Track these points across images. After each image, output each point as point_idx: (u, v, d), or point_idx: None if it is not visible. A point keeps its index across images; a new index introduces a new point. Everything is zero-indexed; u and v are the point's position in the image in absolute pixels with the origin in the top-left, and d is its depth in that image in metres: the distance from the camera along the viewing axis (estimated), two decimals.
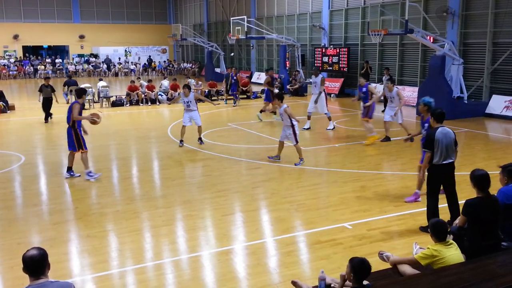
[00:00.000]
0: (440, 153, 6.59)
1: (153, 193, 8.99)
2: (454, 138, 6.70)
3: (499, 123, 16.02)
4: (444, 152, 6.59)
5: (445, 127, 6.74)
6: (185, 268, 5.95)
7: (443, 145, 6.57)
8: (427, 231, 6.75)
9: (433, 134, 6.63)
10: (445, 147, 6.58)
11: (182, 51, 46.90)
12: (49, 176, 10.20)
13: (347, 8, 24.55)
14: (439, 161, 6.61)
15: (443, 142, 6.57)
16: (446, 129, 6.69)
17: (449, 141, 6.61)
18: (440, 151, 6.58)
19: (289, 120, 10.42)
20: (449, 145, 6.61)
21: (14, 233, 7.02)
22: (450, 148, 6.63)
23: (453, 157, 6.72)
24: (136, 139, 13.98)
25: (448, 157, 6.64)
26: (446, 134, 6.62)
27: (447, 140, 6.60)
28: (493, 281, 4.08)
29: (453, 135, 6.71)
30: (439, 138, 6.56)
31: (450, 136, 6.64)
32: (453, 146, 6.69)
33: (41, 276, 3.59)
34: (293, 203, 8.17)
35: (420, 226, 7.00)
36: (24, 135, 14.90)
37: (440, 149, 6.57)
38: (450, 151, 6.64)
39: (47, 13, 42.24)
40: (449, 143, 6.62)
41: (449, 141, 6.62)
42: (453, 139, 6.67)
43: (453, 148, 6.69)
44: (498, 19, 17.27)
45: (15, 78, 38.40)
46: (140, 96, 21.74)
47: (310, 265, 5.99)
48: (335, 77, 25.24)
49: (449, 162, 6.67)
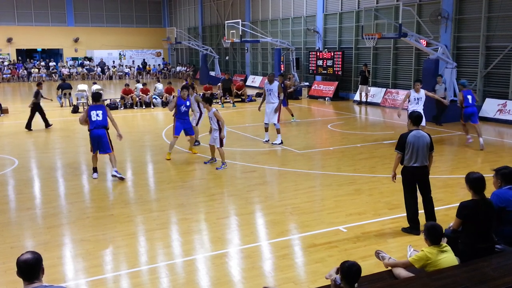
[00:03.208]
0: (410, 156, 6.69)
1: (147, 196, 8.97)
2: (429, 143, 6.72)
3: (492, 126, 16.11)
4: (415, 155, 6.67)
5: (420, 130, 6.79)
6: (180, 271, 5.93)
7: (414, 148, 6.65)
8: (409, 232, 6.90)
9: (405, 137, 6.74)
10: (416, 150, 6.65)
11: (177, 55, 46.89)
12: (43, 180, 10.16)
13: (341, 12, 24.64)
14: (409, 163, 6.72)
15: (415, 145, 6.64)
16: (420, 132, 6.74)
17: (421, 145, 6.65)
18: (411, 154, 6.68)
19: (217, 123, 10.64)
20: (421, 148, 6.65)
21: (7, 237, 6.98)
22: (421, 151, 6.66)
23: (425, 161, 6.72)
24: (130, 143, 13.94)
25: (419, 161, 6.68)
26: (420, 138, 6.67)
27: (420, 143, 6.65)
28: (487, 284, 4.09)
29: (428, 140, 6.71)
30: (410, 141, 6.67)
31: (423, 140, 6.67)
32: (426, 150, 6.69)
33: (35, 281, 3.57)
34: (288, 206, 8.17)
35: (402, 228, 7.06)
36: (17, 138, 14.83)
37: (411, 151, 6.66)
38: (422, 155, 6.67)
39: (41, 16, 42.12)
40: (422, 146, 6.65)
41: (422, 145, 6.65)
42: (427, 143, 6.69)
43: (426, 152, 6.69)
44: (491, 23, 17.39)
45: (9, 81, 38.23)
46: (134, 100, 21.71)
47: (305, 268, 5.99)
48: (329, 80, 25.31)
49: (420, 166, 6.70)
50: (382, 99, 21.75)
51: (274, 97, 13.27)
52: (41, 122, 16.63)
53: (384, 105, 21.37)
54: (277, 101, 13.22)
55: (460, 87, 13.26)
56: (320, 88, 25.30)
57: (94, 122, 9.85)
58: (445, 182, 9.59)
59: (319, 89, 25.26)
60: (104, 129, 9.92)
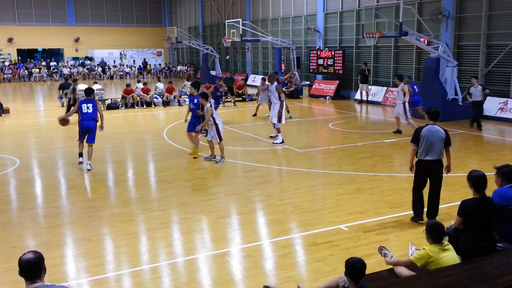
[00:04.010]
0: (423, 149, 6.91)
1: (149, 196, 8.98)
2: (444, 138, 6.87)
3: (493, 124, 16.10)
4: (427, 149, 6.86)
5: (435, 125, 6.95)
6: (181, 271, 5.94)
7: (427, 141, 6.85)
8: (416, 221, 7.08)
9: (419, 130, 6.97)
10: (429, 144, 6.84)
11: (177, 54, 46.88)
12: (44, 180, 10.17)
13: (342, 11, 24.62)
14: (421, 156, 6.95)
15: (428, 139, 6.84)
16: (435, 127, 6.92)
17: (434, 139, 6.83)
18: (424, 147, 6.89)
19: (212, 119, 10.92)
20: (434, 143, 6.83)
21: (9, 237, 6.99)
22: (434, 146, 6.84)
23: (439, 155, 6.90)
24: (131, 142, 13.95)
25: (431, 154, 6.87)
26: (434, 132, 6.86)
27: (433, 138, 6.83)
28: (488, 283, 4.09)
29: (443, 135, 6.87)
30: (424, 134, 6.87)
31: (437, 135, 6.85)
32: (440, 144, 6.86)
33: (37, 280, 3.57)
34: (289, 205, 8.18)
35: (411, 218, 7.28)
36: (19, 138, 14.84)
37: (424, 145, 6.87)
38: (434, 149, 6.85)
39: (41, 16, 42.11)
40: (435, 141, 6.83)
41: (435, 139, 6.83)
42: (441, 138, 6.85)
43: (439, 146, 6.86)
44: (492, 21, 17.37)
45: (10, 81, 38.25)
46: (135, 99, 21.72)
47: (306, 267, 6.00)
48: (330, 79, 25.30)
49: (432, 160, 6.90)
50: (383, 98, 21.74)
51: (274, 98, 13.22)
52: (43, 122, 16.67)
53: (385, 104, 21.36)
54: (278, 102, 13.11)
55: (407, 80, 15.19)
56: (320, 87, 25.29)
57: (85, 114, 10.60)
58: (446, 180, 9.50)
59: (320, 88, 25.25)
60: (94, 121, 10.69)
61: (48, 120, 18.70)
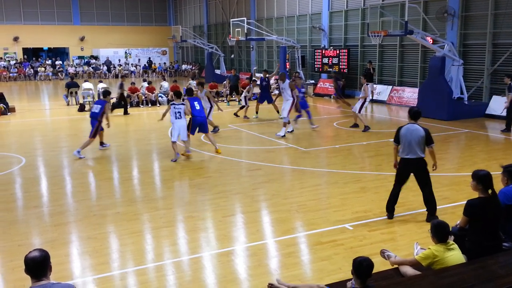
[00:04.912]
0: (403, 147, 7.05)
1: (154, 194, 9.00)
2: (423, 136, 6.96)
3: (499, 123, 16.00)
4: (408, 147, 7.00)
5: (415, 124, 7.06)
6: (186, 269, 5.95)
7: (406, 140, 6.99)
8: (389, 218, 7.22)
9: (399, 129, 7.13)
10: (408, 142, 6.98)
11: (182, 53, 46.92)
12: (50, 178, 10.21)
13: (347, 10, 24.57)
14: (402, 154, 7.11)
15: (407, 138, 6.99)
16: (415, 126, 7.04)
17: (414, 138, 6.95)
18: (403, 146, 7.04)
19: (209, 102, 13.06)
20: (414, 141, 6.96)
21: (15, 235, 7.02)
22: (413, 144, 6.96)
23: (419, 153, 6.99)
24: (136, 141, 13.99)
25: (411, 153, 7.00)
26: (413, 131, 6.98)
27: (412, 136, 6.96)
28: (494, 282, 4.08)
29: (422, 133, 6.96)
30: (403, 133, 7.02)
31: (416, 134, 6.96)
32: (419, 143, 6.96)
33: (43, 278, 3.59)
34: (294, 204, 8.17)
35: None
36: (24, 137, 14.91)
37: (403, 144, 7.03)
38: (413, 147, 6.97)
39: (47, 15, 42.26)
40: (414, 139, 6.95)
41: (414, 138, 6.95)
42: (420, 136, 6.95)
43: (419, 145, 6.96)
44: (498, 20, 17.28)
45: (15, 80, 38.41)
46: (140, 98, 21.76)
47: (311, 266, 5.99)
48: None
49: (413, 158, 7.01)
50: (388, 97, 21.69)
51: (287, 95, 13.88)
52: (48, 121, 16.73)
53: (390, 103, 21.31)
54: (291, 98, 13.84)
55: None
56: (325, 86, 25.25)
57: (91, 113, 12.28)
58: (451, 180, 9.55)
59: (325, 87, 25.21)
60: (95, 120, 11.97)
61: (54, 119, 18.79)
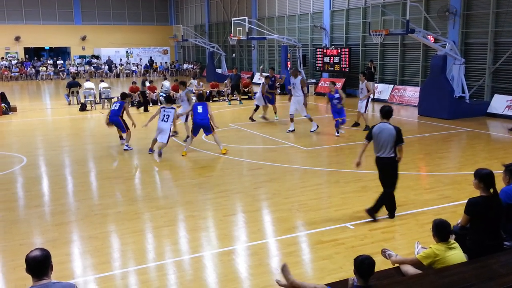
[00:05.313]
0: (375, 146, 7.19)
1: (155, 194, 9.00)
2: (394, 135, 7.01)
3: (501, 122, 16.00)
4: (379, 146, 7.11)
5: (387, 123, 7.12)
6: (187, 268, 5.96)
7: (377, 138, 7.10)
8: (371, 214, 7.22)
9: (372, 128, 7.26)
10: (379, 141, 7.09)
11: (183, 52, 46.94)
12: (51, 178, 10.22)
13: (348, 8, 24.54)
14: (375, 152, 7.23)
15: (378, 136, 7.08)
16: (386, 125, 7.12)
17: (384, 137, 7.04)
18: (375, 144, 7.15)
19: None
20: (384, 140, 7.04)
21: (16, 234, 7.03)
22: (384, 143, 7.04)
23: (388, 152, 7.07)
24: (137, 140, 13.98)
25: (381, 151, 7.11)
26: (384, 130, 7.07)
27: (383, 135, 7.05)
28: (495, 281, 4.07)
29: (393, 132, 7.02)
30: (375, 132, 7.14)
31: (387, 132, 7.04)
32: (390, 142, 7.03)
33: (44, 277, 3.59)
34: (295, 204, 8.17)
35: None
36: (26, 136, 14.93)
37: (375, 142, 7.14)
38: (384, 146, 7.06)
39: (48, 15, 42.29)
40: (385, 138, 7.04)
41: (385, 137, 7.04)
42: (391, 135, 7.02)
43: (389, 144, 7.02)
44: (500, 18, 17.25)
45: (17, 79, 38.46)
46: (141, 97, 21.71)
47: (312, 265, 5.99)
48: (336, 77, 25.22)
49: (383, 156, 7.12)
50: (389, 96, 21.66)
51: (298, 90, 14.20)
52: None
53: (392, 102, 21.28)
54: (302, 94, 14.21)
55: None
56: (327, 85, 25.18)
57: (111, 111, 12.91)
58: (452, 178, 9.54)
59: (326, 86, 25.16)
60: (117, 117, 12.68)
61: (55, 118, 18.81)
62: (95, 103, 21.35)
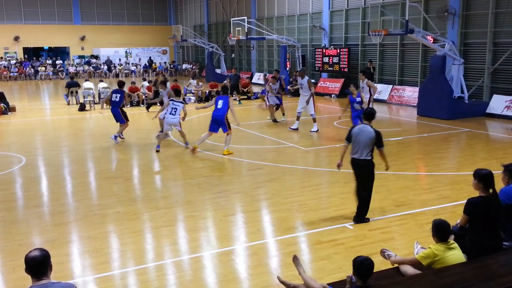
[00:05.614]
0: (353, 147, 7.16)
1: (154, 194, 9.00)
2: (373, 138, 6.98)
3: (500, 123, 16.01)
4: (356, 148, 7.10)
5: (368, 125, 7.10)
6: (187, 268, 5.95)
7: (356, 140, 7.09)
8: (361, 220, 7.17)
9: (351, 129, 7.28)
10: (357, 143, 7.08)
11: (183, 52, 46.93)
12: (50, 178, 10.22)
13: (348, 9, 24.56)
14: (351, 153, 7.22)
15: (357, 137, 7.06)
16: (367, 127, 7.10)
17: (363, 139, 7.03)
18: (353, 146, 7.15)
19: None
20: (362, 142, 7.03)
21: (15, 235, 7.03)
22: (362, 145, 7.04)
23: (365, 155, 7.05)
24: (136, 140, 13.99)
25: (358, 153, 7.09)
26: (364, 132, 7.06)
27: (361, 137, 7.04)
28: (494, 281, 4.07)
29: (373, 135, 6.98)
30: (354, 133, 7.12)
31: (366, 135, 7.02)
32: (367, 144, 7.01)
33: (43, 277, 3.59)
34: (294, 204, 8.17)
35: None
36: (25, 136, 14.91)
37: (353, 143, 7.13)
38: (362, 148, 7.05)
39: (47, 15, 42.27)
40: (363, 140, 7.02)
41: (364, 139, 7.02)
42: (370, 138, 6.99)
43: (367, 146, 7.01)
44: (499, 19, 17.27)
45: (16, 79, 38.43)
46: (141, 97, 21.76)
47: (311, 265, 5.99)
48: (335, 77, 25.25)
49: (358, 158, 7.10)
50: (388, 96, 21.68)
51: (306, 90, 14.55)
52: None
53: (391, 102, 21.30)
54: (309, 93, 14.51)
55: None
56: (326, 85, 25.25)
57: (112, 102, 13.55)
58: (452, 179, 9.55)
59: (325, 86, 25.21)
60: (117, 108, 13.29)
61: (54, 118, 18.80)
62: (94, 103, 21.33)
